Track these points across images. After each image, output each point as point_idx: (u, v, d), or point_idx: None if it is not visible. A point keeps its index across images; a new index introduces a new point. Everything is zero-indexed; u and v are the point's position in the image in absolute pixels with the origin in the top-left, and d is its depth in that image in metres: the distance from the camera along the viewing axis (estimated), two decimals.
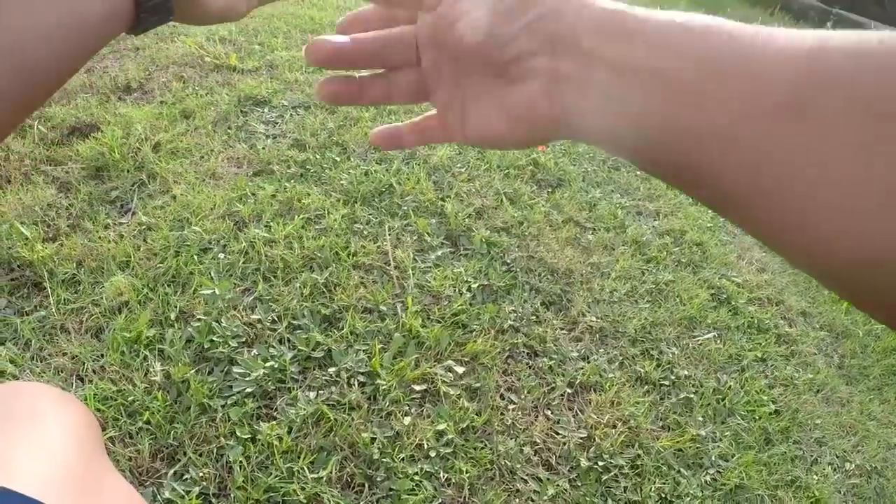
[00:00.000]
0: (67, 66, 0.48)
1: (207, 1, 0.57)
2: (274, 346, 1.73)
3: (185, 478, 1.44)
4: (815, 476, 2.02)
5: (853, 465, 2.16)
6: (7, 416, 0.70)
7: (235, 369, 1.65)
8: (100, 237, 1.96)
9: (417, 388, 1.74)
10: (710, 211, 3.15)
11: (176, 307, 1.78)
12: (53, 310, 1.73)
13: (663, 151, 0.38)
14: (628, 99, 0.38)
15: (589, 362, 2.01)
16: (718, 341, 2.34)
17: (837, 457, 2.16)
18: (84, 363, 1.61)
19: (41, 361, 1.61)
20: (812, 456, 2.10)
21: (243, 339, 1.74)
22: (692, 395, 2.05)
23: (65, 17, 0.45)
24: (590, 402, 1.89)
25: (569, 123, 0.44)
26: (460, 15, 0.44)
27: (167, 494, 1.40)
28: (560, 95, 0.42)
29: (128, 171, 2.25)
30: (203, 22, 0.58)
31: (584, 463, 1.72)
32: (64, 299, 1.76)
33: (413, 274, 2.07)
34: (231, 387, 1.62)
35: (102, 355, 1.64)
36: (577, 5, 0.41)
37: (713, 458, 1.89)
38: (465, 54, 0.46)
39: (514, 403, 1.82)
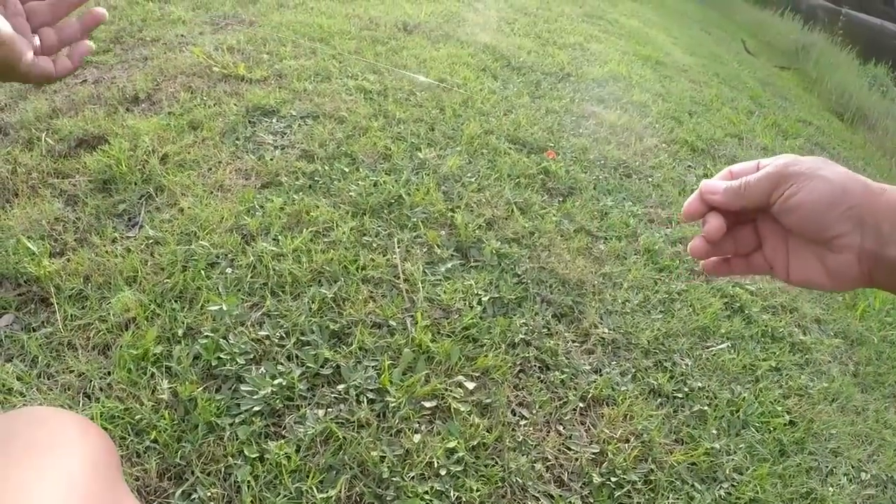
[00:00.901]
0: None
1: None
2: (282, 363, 1.72)
3: (192, 497, 1.43)
4: (830, 487, 2.00)
5: (869, 476, 2.13)
6: (29, 444, 0.70)
7: (243, 387, 1.64)
8: (107, 251, 1.95)
9: (427, 404, 1.72)
10: None
11: (183, 323, 1.77)
12: (60, 326, 1.72)
13: None
14: None
15: (601, 375, 1.99)
16: (732, 351, 2.31)
17: (853, 467, 2.13)
18: (91, 381, 1.60)
19: (48, 379, 1.60)
20: (827, 467, 2.07)
21: (251, 356, 1.72)
22: (706, 408, 2.02)
23: None
24: (602, 417, 1.87)
25: (873, 281, 0.65)
26: (796, 206, 0.65)
27: None
28: (867, 264, 0.64)
29: (135, 184, 2.24)
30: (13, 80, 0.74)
31: (596, 479, 1.70)
32: (71, 315, 1.75)
33: (423, 287, 2.05)
34: (239, 405, 1.60)
35: (109, 373, 1.63)
36: (878, 198, 0.63)
37: (727, 472, 1.87)
38: (796, 231, 0.69)
39: (526, 419, 1.80)
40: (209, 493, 1.43)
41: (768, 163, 0.72)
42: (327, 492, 1.48)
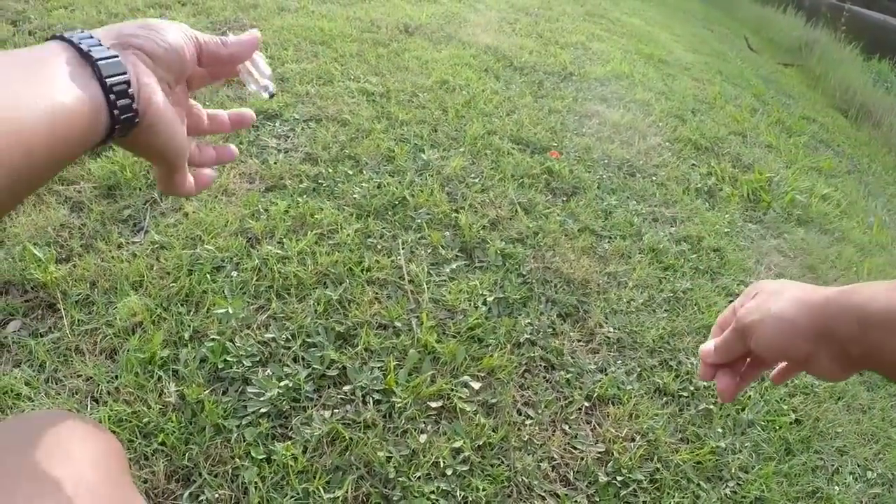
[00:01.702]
0: (50, 164, 0.52)
1: (157, 123, 0.62)
2: (288, 365, 1.73)
3: (200, 499, 1.43)
4: (836, 486, 1.99)
5: (875, 474, 2.13)
6: (39, 448, 0.70)
7: (250, 389, 1.65)
8: (113, 257, 1.96)
9: (433, 404, 1.73)
10: (726, 215, 3.13)
11: (189, 327, 1.78)
12: (67, 331, 1.73)
13: None
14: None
15: (607, 374, 1.99)
16: None
17: (859, 465, 2.12)
18: (98, 384, 1.61)
19: (56, 383, 1.61)
20: (833, 465, 2.07)
21: (257, 359, 1.73)
22: (711, 407, 2.02)
23: (44, 111, 0.50)
24: (608, 416, 1.87)
25: (863, 368, 0.69)
26: (764, 351, 0.75)
27: None
28: (845, 363, 0.68)
29: (140, 189, 2.25)
30: (148, 148, 0.64)
31: (602, 478, 1.70)
32: (78, 320, 1.76)
33: (428, 288, 2.06)
34: (246, 407, 1.61)
35: (117, 377, 1.64)
36: (827, 309, 0.67)
37: (733, 471, 1.87)
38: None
39: (531, 418, 1.80)
40: (217, 495, 1.44)
41: (740, 304, 0.83)
42: (334, 492, 1.49)
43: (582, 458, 1.74)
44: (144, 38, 0.59)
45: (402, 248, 2.19)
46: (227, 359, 1.71)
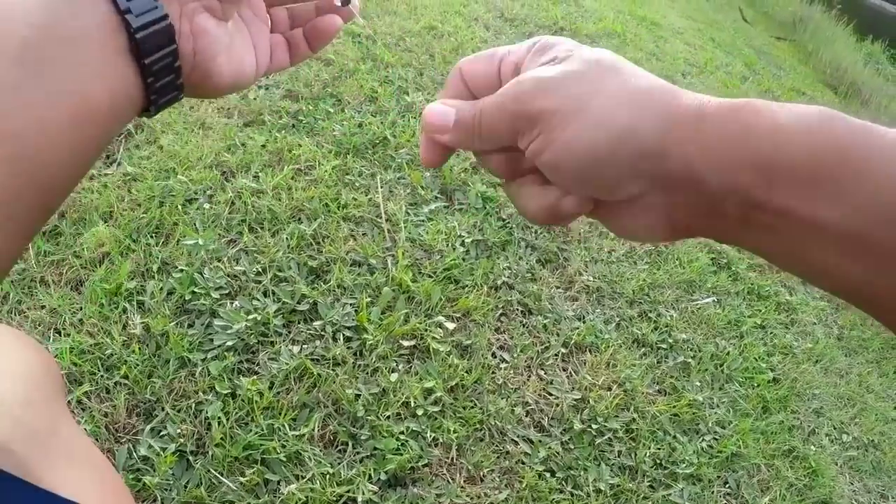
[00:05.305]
0: (77, 166, 0.42)
1: (217, 75, 0.50)
2: (258, 299, 1.67)
3: (162, 434, 1.39)
4: (812, 447, 1.98)
5: (851, 437, 2.13)
6: None
7: (217, 322, 1.59)
8: (83, 188, 1.88)
9: (406, 343, 1.68)
10: None
11: (158, 258, 1.71)
12: (33, 262, 1.66)
13: None
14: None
15: (585, 322, 1.95)
16: (718, 306, 2.28)
17: (835, 428, 2.12)
18: (62, 316, 1.55)
19: (19, 315, 1.55)
20: (810, 426, 2.06)
21: (226, 291, 1.67)
22: (690, 360, 1.99)
23: (69, 115, 0.39)
24: (585, 363, 1.84)
25: (689, 235, 0.46)
26: (552, 167, 0.45)
27: (143, 451, 1.34)
28: (683, 222, 0.44)
29: None
30: (213, 95, 0.53)
31: (577, 425, 1.67)
32: (44, 251, 1.69)
33: (405, 227, 2.00)
34: (212, 340, 1.56)
35: (81, 308, 1.57)
36: (700, 125, 0.40)
37: (710, 425, 1.85)
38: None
39: (507, 362, 1.76)
40: (179, 430, 1.39)
41: (509, 55, 0.50)
42: (300, 429, 1.44)
43: (557, 405, 1.70)
44: None
45: (381, 187, 2.13)
46: (195, 290, 1.65)
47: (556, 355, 1.83)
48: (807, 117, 0.39)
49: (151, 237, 1.78)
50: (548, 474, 1.57)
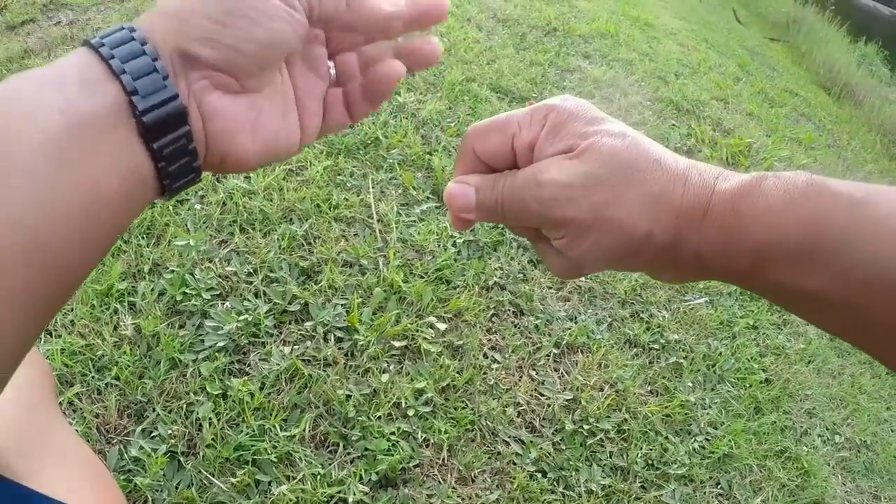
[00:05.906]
0: (90, 251, 0.40)
1: (239, 154, 0.46)
2: (249, 300, 1.66)
3: (153, 435, 1.38)
4: (804, 447, 1.99)
5: (843, 438, 2.13)
6: None
7: (208, 323, 1.59)
8: None
9: (397, 344, 1.68)
10: None
11: (149, 259, 1.70)
12: None
13: None
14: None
15: (577, 323, 1.95)
16: (710, 307, 2.28)
17: (827, 429, 2.12)
18: (53, 317, 1.54)
19: None
20: (802, 427, 2.06)
21: (217, 292, 1.67)
22: (682, 360, 1.99)
23: (81, 201, 0.38)
24: (576, 364, 1.84)
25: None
26: (578, 260, 0.51)
27: (134, 452, 1.33)
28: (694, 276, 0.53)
29: None
30: (244, 171, 0.51)
31: (568, 426, 1.67)
32: None
33: (396, 228, 1.99)
34: (203, 341, 1.55)
35: (72, 309, 1.57)
36: (701, 224, 0.47)
37: (702, 426, 1.85)
38: None
39: (498, 363, 1.76)
40: (170, 431, 1.38)
41: (520, 132, 0.51)
42: (291, 430, 1.44)
43: (549, 405, 1.70)
44: (220, 45, 0.42)
45: (372, 187, 2.12)
46: (186, 291, 1.64)
47: (547, 356, 1.83)
48: (793, 191, 0.44)
49: (142, 238, 1.77)
50: (539, 475, 1.57)
